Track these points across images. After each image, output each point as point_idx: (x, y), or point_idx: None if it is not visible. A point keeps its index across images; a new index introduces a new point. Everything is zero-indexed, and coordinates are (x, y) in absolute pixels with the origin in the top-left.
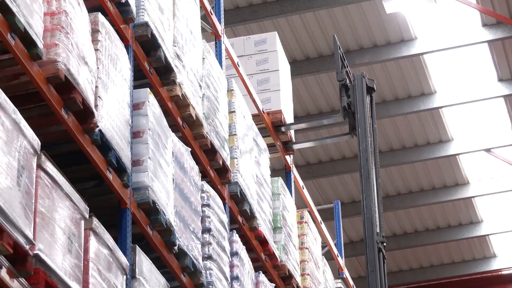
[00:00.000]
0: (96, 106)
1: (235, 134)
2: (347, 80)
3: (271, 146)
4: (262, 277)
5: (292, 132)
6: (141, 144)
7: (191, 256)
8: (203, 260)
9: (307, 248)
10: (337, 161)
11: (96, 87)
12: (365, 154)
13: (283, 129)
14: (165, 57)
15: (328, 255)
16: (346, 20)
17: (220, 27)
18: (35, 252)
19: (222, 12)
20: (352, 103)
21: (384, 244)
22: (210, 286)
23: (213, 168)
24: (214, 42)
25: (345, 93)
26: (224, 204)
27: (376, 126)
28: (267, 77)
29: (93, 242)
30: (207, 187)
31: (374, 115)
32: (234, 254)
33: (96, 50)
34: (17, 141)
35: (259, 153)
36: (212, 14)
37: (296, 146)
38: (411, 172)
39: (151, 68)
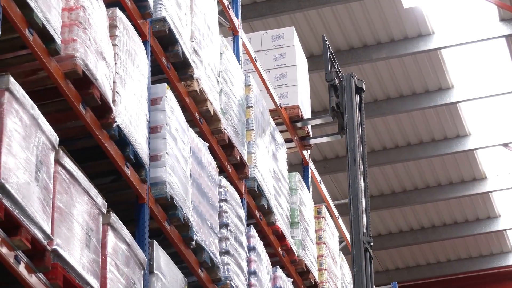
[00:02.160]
0: (114, 101)
1: (253, 129)
2: (336, 80)
3: (288, 141)
4: (280, 272)
5: (309, 127)
6: (159, 139)
7: (208, 251)
8: (220, 255)
9: (324, 243)
10: None
11: (114, 82)
12: (352, 154)
13: (299, 124)
14: (183, 52)
15: (346, 250)
16: (364, 15)
17: (237, 22)
18: (53, 247)
19: (239, 7)
20: (341, 103)
21: (371, 244)
22: (228, 281)
23: (231, 163)
24: (232, 37)
25: (334, 93)
26: (242, 199)
27: (365, 126)
28: (285, 72)
29: (111, 237)
30: (224, 182)
31: (363, 115)
32: (251, 249)
33: (114, 45)
34: (35, 136)
35: (276, 148)
36: (229, 9)
37: (312, 141)
38: (428, 167)
39: (169, 63)
